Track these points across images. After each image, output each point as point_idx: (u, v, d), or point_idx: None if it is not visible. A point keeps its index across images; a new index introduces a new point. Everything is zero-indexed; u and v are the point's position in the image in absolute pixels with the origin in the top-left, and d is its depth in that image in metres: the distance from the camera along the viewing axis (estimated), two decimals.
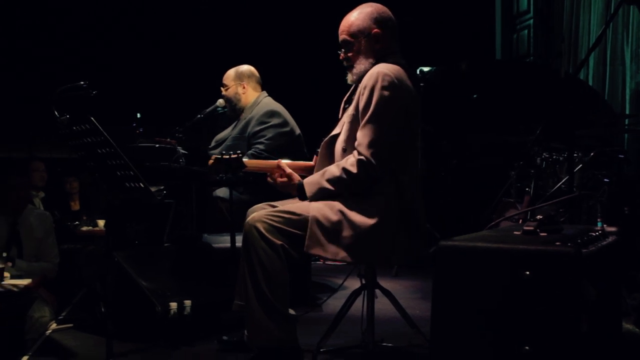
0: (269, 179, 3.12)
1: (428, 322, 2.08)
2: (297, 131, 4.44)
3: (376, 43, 3.01)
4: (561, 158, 4.58)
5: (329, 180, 2.90)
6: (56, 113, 3.01)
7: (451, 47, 7.03)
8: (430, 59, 6.00)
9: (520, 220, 4.19)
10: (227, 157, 3.17)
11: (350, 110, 2.97)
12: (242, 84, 4.50)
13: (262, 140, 4.28)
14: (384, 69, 2.90)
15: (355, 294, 3.07)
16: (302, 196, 2.96)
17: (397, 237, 2.86)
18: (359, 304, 3.08)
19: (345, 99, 3.20)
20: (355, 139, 2.90)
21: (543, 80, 5.46)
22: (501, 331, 1.91)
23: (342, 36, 3.06)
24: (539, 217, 2.18)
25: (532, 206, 4.54)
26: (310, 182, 2.95)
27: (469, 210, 6.41)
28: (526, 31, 7.05)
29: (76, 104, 3.08)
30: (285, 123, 4.37)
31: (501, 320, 1.91)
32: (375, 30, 3.00)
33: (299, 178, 3.02)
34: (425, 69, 5.71)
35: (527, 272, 1.87)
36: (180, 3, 7.87)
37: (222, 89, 4.55)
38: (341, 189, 2.88)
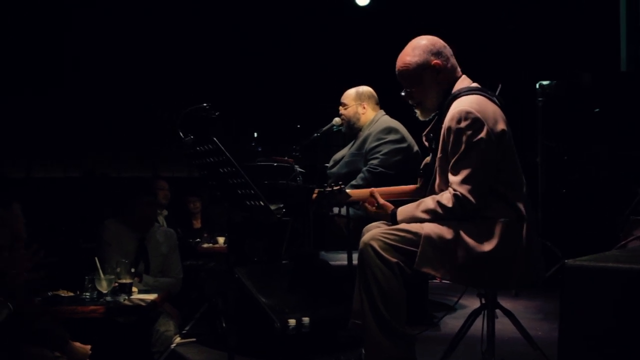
0: (362, 206, 3.12)
1: (551, 344, 2.02)
2: (415, 148, 4.42)
3: (438, 74, 2.98)
4: None
5: (423, 211, 2.87)
6: (181, 134, 3.12)
7: (573, 60, 6.80)
8: (551, 72, 5.83)
9: None
10: (330, 189, 3.18)
11: (439, 153, 2.93)
12: (362, 104, 4.55)
13: (377, 155, 4.30)
14: (464, 105, 2.82)
15: (475, 314, 3.01)
16: (394, 223, 2.94)
17: (515, 263, 2.78)
18: (478, 324, 3.01)
19: (425, 133, 3.16)
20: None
21: None
22: (634, 355, 1.82)
23: (401, 76, 3.03)
24: None
25: None
26: (404, 211, 2.94)
27: (592, 228, 6.15)
28: None
29: (200, 124, 3.19)
30: (402, 139, 4.37)
31: (634, 344, 1.82)
32: (435, 61, 2.97)
33: (392, 207, 3.00)
34: (545, 82, 5.57)
35: None
36: (298, 26, 8.03)
37: (340, 107, 4.60)
38: (434, 221, 2.84)
